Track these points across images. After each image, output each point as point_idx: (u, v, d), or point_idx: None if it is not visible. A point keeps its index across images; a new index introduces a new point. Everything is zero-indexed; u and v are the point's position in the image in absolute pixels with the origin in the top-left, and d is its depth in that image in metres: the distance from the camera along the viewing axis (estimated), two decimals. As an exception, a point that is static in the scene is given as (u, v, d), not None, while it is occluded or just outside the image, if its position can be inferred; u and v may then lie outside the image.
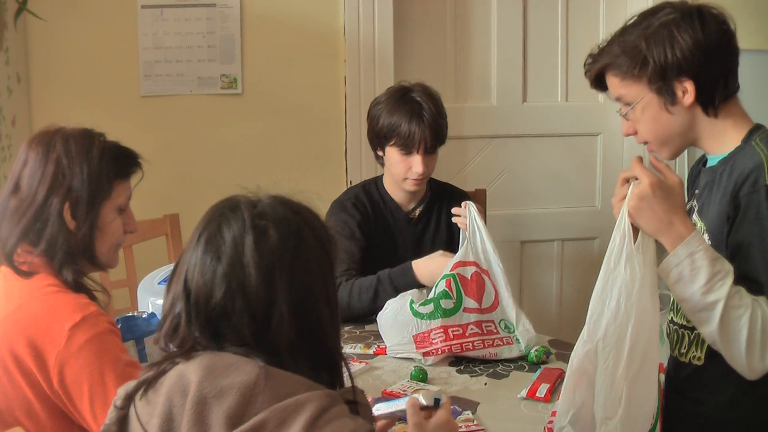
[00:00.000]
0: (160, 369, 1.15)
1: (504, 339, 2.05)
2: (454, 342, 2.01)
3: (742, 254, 1.51)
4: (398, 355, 2.04)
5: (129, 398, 1.17)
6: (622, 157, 3.45)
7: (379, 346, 2.09)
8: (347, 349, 2.08)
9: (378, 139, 2.45)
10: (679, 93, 1.58)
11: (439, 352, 2.01)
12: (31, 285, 1.54)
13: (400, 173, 2.42)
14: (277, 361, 1.12)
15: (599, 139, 3.46)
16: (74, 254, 1.58)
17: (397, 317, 2.08)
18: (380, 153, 2.48)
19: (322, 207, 1.32)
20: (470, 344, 2.02)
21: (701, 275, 1.42)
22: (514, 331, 2.08)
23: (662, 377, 1.51)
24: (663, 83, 1.58)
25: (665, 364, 1.70)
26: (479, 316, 2.06)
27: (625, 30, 1.64)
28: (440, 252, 2.27)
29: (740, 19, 1.64)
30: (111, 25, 2.96)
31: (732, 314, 1.42)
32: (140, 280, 2.47)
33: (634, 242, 1.41)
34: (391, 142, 2.40)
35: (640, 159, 1.48)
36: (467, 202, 2.20)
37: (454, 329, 2.04)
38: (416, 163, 2.37)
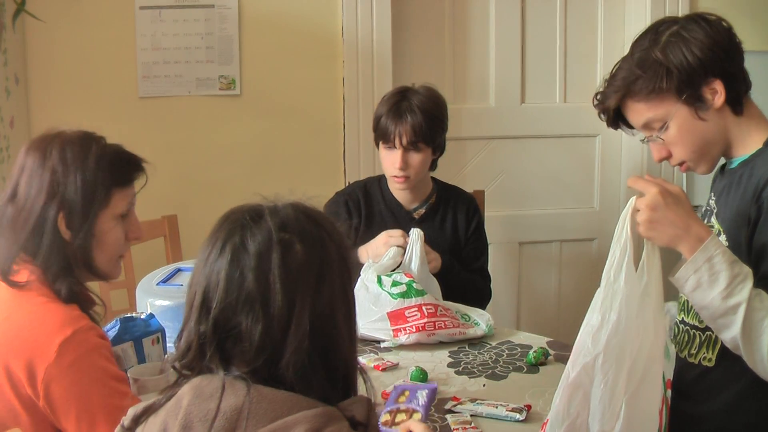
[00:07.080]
0: (169, 393, 1.10)
1: (466, 324, 2.15)
2: (428, 320, 2.07)
3: (765, 255, 1.49)
4: (370, 335, 2.08)
5: (136, 420, 1.13)
6: (621, 159, 3.46)
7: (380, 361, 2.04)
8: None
9: (374, 134, 2.47)
10: (709, 96, 1.56)
11: (413, 330, 2.06)
12: (20, 296, 1.51)
13: (386, 169, 2.43)
14: (279, 382, 1.05)
15: (597, 140, 3.46)
16: (71, 265, 1.53)
17: (367, 295, 2.12)
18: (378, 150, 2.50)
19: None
20: (442, 323, 2.08)
21: (721, 279, 1.39)
22: (470, 319, 2.17)
23: (669, 393, 1.46)
24: (692, 90, 1.56)
25: (671, 379, 1.68)
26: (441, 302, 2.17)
27: (632, 54, 1.60)
28: (386, 231, 2.28)
29: (739, 20, 1.64)
30: (109, 27, 2.96)
31: (754, 317, 1.38)
32: (138, 281, 2.46)
33: (634, 257, 1.36)
34: (378, 135, 2.42)
35: (636, 177, 1.46)
36: (414, 230, 2.26)
37: (428, 307, 2.10)
38: (395, 158, 2.37)
